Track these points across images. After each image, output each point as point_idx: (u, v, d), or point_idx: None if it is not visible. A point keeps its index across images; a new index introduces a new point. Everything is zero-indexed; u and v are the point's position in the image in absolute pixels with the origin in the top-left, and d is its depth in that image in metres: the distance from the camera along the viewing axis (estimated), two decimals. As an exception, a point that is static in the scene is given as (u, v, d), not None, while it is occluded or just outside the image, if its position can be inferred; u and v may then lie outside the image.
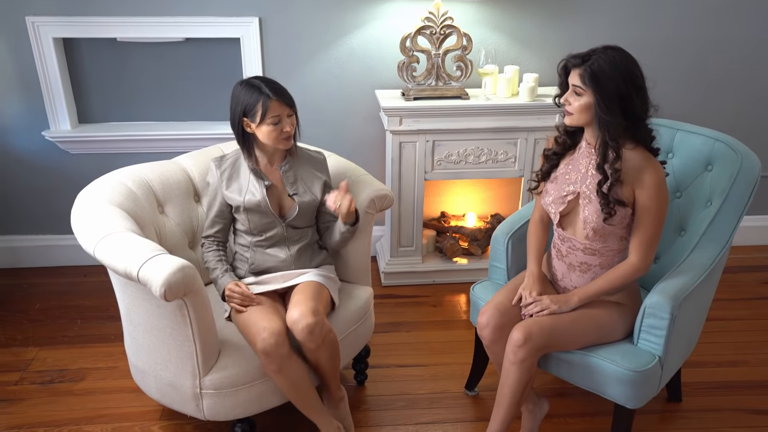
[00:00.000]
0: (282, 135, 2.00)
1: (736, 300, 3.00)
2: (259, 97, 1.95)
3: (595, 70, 1.74)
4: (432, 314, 2.91)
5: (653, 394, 1.94)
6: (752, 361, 2.56)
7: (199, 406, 1.93)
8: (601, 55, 1.76)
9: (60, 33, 2.87)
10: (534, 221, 2.13)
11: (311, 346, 1.92)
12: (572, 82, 1.81)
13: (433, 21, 2.80)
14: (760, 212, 3.50)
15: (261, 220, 2.08)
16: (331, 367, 2.02)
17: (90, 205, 1.96)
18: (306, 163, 2.16)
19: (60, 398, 2.34)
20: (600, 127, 1.79)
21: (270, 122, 1.97)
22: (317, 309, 1.93)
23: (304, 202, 2.10)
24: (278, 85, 2.02)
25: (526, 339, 1.85)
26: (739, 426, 2.22)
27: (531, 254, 2.09)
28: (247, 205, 2.06)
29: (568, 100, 1.83)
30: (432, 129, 2.89)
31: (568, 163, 1.96)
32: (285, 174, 2.10)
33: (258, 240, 2.11)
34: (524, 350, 1.85)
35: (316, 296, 2.00)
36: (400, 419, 2.26)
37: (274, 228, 2.10)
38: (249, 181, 2.07)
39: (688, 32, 3.11)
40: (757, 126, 3.32)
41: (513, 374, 1.88)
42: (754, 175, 2.01)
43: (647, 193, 1.81)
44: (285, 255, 2.11)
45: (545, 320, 1.90)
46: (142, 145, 3.07)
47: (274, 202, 2.09)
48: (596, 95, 1.75)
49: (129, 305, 1.94)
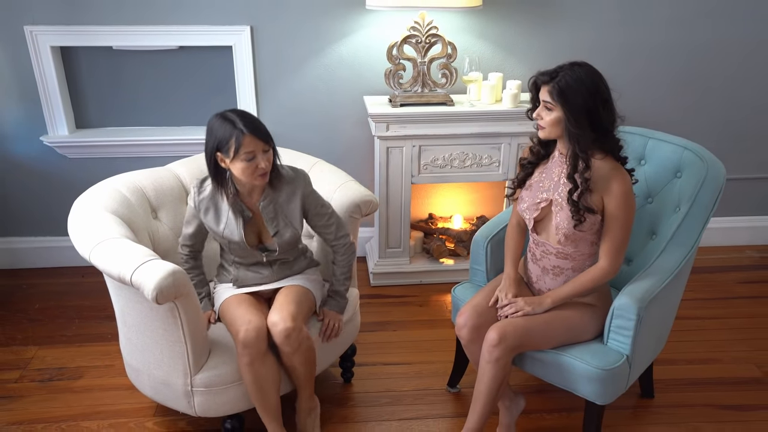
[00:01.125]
0: (257, 171, 1.94)
1: (712, 299, 3.10)
2: (233, 132, 1.89)
3: (562, 86, 1.84)
4: (418, 314, 3.01)
5: (622, 390, 2.04)
6: (724, 359, 2.66)
7: (190, 403, 2.03)
8: (568, 71, 1.85)
9: (57, 42, 2.96)
10: (511, 226, 2.23)
11: (287, 350, 2.00)
12: (542, 98, 1.90)
13: (418, 30, 2.89)
14: (739, 213, 3.60)
15: (241, 251, 2.11)
16: (305, 373, 2.09)
17: (86, 211, 2.05)
18: (285, 191, 2.09)
19: (58, 395, 2.44)
20: (570, 139, 1.88)
21: (244, 158, 1.91)
22: (297, 314, 2.02)
23: (285, 240, 2.09)
24: (254, 120, 1.95)
25: (500, 339, 1.95)
26: (708, 420, 2.32)
27: (508, 258, 2.19)
28: (225, 236, 2.07)
29: (540, 115, 1.93)
30: (418, 134, 2.98)
31: (542, 172, 2.06)
32: (264, 209, 2.06)
33: (239, 260, 2.15)
34: (499, 350, 1.95)
35: (298, 301, 2.08)
36: (385, 415, 2.36)
37: (255, 257, 2.13)
38: (228, 214, 2.05)
39: (673, 38, 3.20)
40: (745, 131, 3.42)
41: (488, 372, 1.98)
42: (719, 183, 2.10)
43: (615, 201, 1.90)
44: (267, 272, 2.17)
45: (519, 321, 2.00)
46: (138, 150, 3.17)
47: (254, 233, 2.10)
48: (565, 110, 1.85)
49: (123, 307, 2.04)
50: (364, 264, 3.40)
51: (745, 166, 3.49)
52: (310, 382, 2.14)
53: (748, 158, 3.48)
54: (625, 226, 1.93)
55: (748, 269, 3.40)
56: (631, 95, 3.26)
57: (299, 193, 2.10)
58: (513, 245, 2.20)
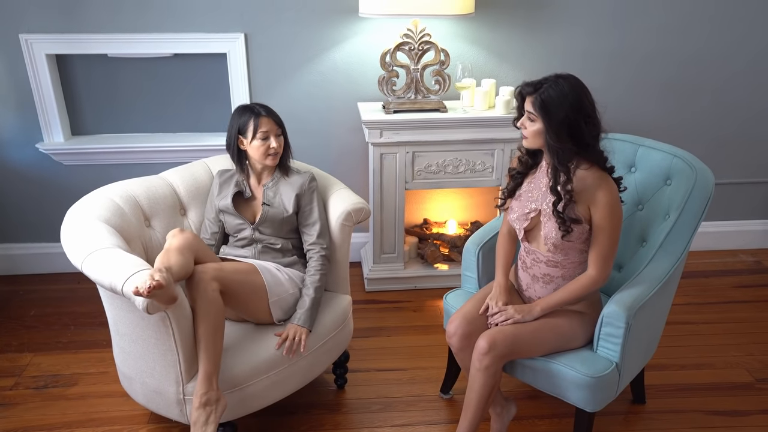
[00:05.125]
0: (269, 151, 2.25)
1: (706, 304, 3.11)
2: (251, 116, 2.25)
3: (544, 99, 1.84)
4: (412, 319, 3.02)
5: (611, 398, 2.05)
6: (717, 364, 2.67)
7: (183, 412, 2.04)
8: (552, 84, 1.85)
9: (53, 50, 2.98)
10: (502, 234, 2.24)
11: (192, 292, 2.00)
12: (526, 108, 1.91)
13: (411, 37, 2.90)
14: (732, 218, 3.61)
15: (233, 221, 2.32)
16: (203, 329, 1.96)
17: (78, 221, 2.07)
18: (291, 182, 2.34)
19: (53, 402, 2.46)
20: (549, 151, 1.89)
21: (260, 137, 2.23)
22: (218, 267, 2.05)
23: (271, 211, 2.29)
24: (269, 108, 2.30)
25: (490, 347, 1.96)
26: (699, 427, 2.33)
27: (499, 265, 2.20)
28: (220, 207, 2.33)
29: (524, 124, 1.93)
30: (412, 141, 2.99)
31: (531, 182, 2.07)
32: (266, 191, 2.33)
33: (234, 241, 2.35)
34: (489, 358, 1.96)
35: (237, 269, 2.12)
36: (377, 421, 2.37)
37: (244, 229, 2.32)
38: (231, 188, 2.33)
39: (665, 45, 3.22)
40: (736, 136, 3.44)
41: (479, 380, 1.99)
42: (708, 191, 2.11)
43: (601, 212, 1.92)
44: (251, 251, 2.31)
45: (509, 329, 2.01)
46: (133, 156, 3.18)
47: (249, 211, 2.35)
48: (545, 123, 1.85)
49: (116, 317, 2.05)
50: (358, 269, 3.42)
51: (736, 170, 3.50)
52: (207, 345, 1.95)
53: (739, 162, 3.49)
54: (612, 235, 1.94)
55: (742, 273, 3.41)
56: (622, 101, 3.30)
57: (299, 185, 2.33)
58: (504, 253, 2.22)
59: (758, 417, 2.37)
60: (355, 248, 3.47)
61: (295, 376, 2.21)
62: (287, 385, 2.19)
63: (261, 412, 2.21)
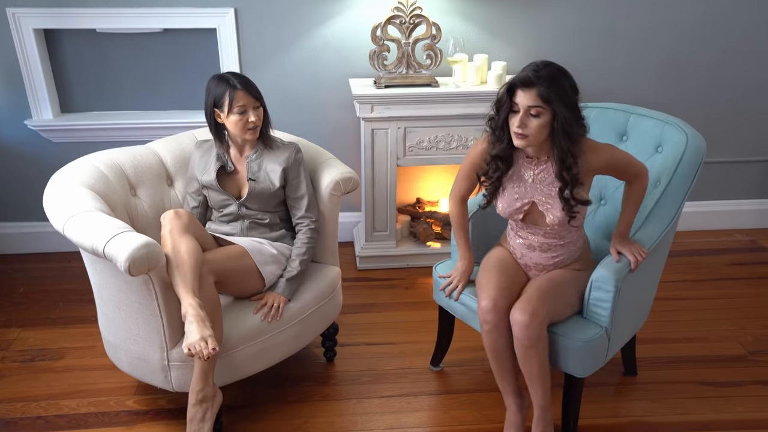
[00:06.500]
0: (247, 125, 2.16)
1: (701, 281, 3.09)
2: (227, 88, 2.13)
3: (550, 86, 1.76)
4: (404, 296, 3.00)
5: (601, 363, 2.02)
6: (710, 337, 2.65)
7: (167, 378, 2.02)
8: (544, 71, 1.78)
9: (40, 24, 2.95)
10: (458, 200, 2.16)
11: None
12: (527, 103, 1.79)
13: (402, 11, 2.88)
14: (727, 197, 3.59)
15: (218, 197, 2.26)
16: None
17: (62, 185, 2.05)
18: (275, 154, 2.27)
19: (40, 375, 2.44)
20: (563, 137, 1.81)
21: (236, 111, 2.13)
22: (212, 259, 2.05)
23: (258, 187, 2.22)
24: (246, 79, 2.18)
25: (532, 315, 1.87)
26: (690, 396, 2.31)
27: (465, 237, 2.19)
28: (204, 183, 2.26)
29: (524, 123, 1.81)
30: (403, 116, 2.97)
31: (510, 180, 1.99)
32: (250, 164, 2.25)
33: (220, 216, 2.29)
34: (534, 327, 1.87)
35: (228, 255, 2.11)
36: (366, 393, 2.35)
37: (230, 205, 2.26)
38: (212, 162, 2.25)
39: (658, 19, 3.19)
40: (731, 114, 3.41)
41: (534, 356, 1.90)
42: (699, 155, 2.09)
43: (608, 161, 1.91)
44: (238, 227, 2.26)
45: (536, 293, 1.94)
46: (123, 134, 3.16)
47: (234, 185, 2.26)
48: (558, 109, 1.77)
49: (99, 282, 2.03)
50: (350, 248, 3.40)
51: (732, 148, 3.48)
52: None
53: (734, 141, 3.47)
54: (629, 158, 1.94)
55: (736, 252, 3.39)
56: (614, 77, 3.28)
57: (285, 158, 2.26)
58: (464, 222, 2.19)
59: (750, 387, 2.35)
60: (347, 228, 3.44)
61: (283, 345, 2.19)
62: (275, 353, 2.17)
63: (249, 384, 2.19)
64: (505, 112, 1.85)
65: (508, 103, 1.84)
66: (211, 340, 1.81)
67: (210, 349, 1.80)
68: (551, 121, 1.81)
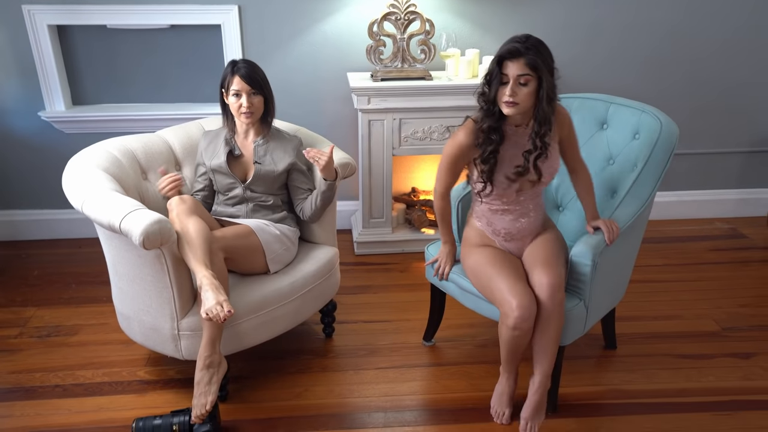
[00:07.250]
0: (240, 109, 2.33)
1: (683, 265, 3.25)
2: (229, 72, 2.33)
3: (537, 56, 1.92)
4: (399, 278, 3.16)
5: (579, 333, 2.18)
6: (687, 315, 2.80)
7: (177, 347, 2.18)
8: (532, 42, 1.94)
9: (54, 20, 3.11)
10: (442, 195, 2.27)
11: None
12: (516, 73, 1.92)
13: (397, 8, 3.03)
14: (708, 187, 3.75)
15: (224, 180, 2.42)
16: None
17: (79, 168, 2.20)
18: (281, 143, 2.45)
19: (55, 349, 2.59)
20: (546, 104, 1.96)
21: (232, 94, 2.32)
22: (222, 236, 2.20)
23: (263, 170, 2.39)
24: (250, 67, 2.34)
25: (559, 280, 2.03)
26: (665, 368, 2.47)
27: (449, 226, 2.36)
28: (212, 167, 2.41)
29: (515, 92, 1.94)
30: (398, 108, 3.13)
31: (507, 151, 2.09)
32: (257, 148, 2.42)
33: (225, 199, 2.44)
34: (561, 290, 2.03)
35: (237, 234, 2.26)
36: (363, 365, 2.51)
37: (235, 188, 2.41)
38: (220, 147, 2.40)
39: (644, 16, 3.34)
40: (712, 107, 3.56)
41: (556, 318, 2.02)
42: (672, 141, 2.24)
43: (571, 133, 2.15)
44: (242, 212, 2.41)
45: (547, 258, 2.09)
46: (133, 125, 3.31)
47: (240, 169, 2.42)
48: (545, 76, 1.93)
49: (114, 257, 2.19)
50: (348, 235, 3.55)
51: (713, 140, 3.63)
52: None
53: (716, 133, 3.62)
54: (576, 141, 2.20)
55: (717, 238, 3.54)
56: (601, 72, 3.43)
57: (292, 148, 2.45)
58: (448, 215, 2.33)
59: (722, 359, 2.51)
60: (345, 216, 3.60)
61: (284, 318, 2.34)
62: (276, 326, 2.32)
63: (251, 356, 2.34)
64: (497, 85, 1.97)
65: (499, 76, 1.96)
66: (226, 304, 1.96)
67: (226, 311, 1.95)
68: (537, 88, 1.96)
